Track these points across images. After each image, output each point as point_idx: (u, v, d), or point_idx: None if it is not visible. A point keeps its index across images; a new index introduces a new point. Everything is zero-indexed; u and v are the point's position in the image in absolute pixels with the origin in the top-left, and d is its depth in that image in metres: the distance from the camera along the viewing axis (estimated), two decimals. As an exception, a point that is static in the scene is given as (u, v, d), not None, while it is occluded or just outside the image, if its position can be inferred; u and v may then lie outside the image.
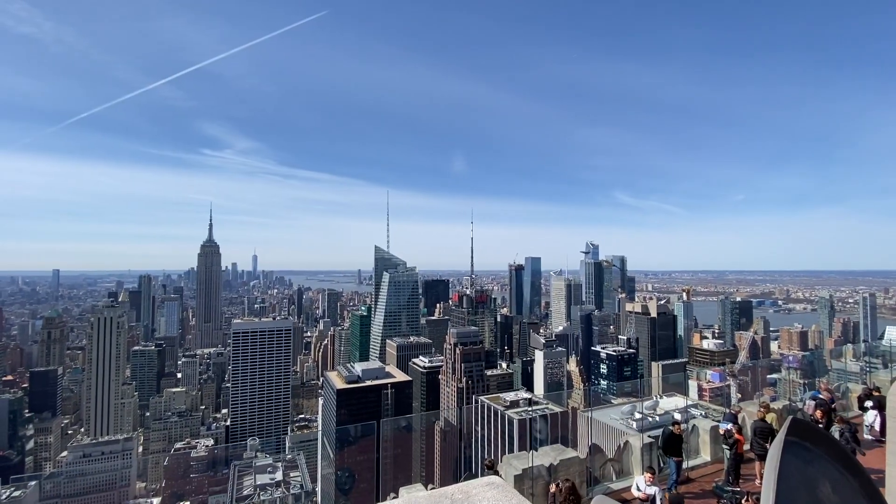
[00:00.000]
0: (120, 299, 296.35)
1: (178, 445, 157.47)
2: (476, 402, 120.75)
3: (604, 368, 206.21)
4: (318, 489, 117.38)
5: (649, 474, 13.47)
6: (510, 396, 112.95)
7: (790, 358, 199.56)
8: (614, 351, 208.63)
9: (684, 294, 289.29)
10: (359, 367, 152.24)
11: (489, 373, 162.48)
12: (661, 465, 16.90)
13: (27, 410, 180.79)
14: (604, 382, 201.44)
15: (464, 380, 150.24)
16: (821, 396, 18.45)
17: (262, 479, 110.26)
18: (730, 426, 15.89)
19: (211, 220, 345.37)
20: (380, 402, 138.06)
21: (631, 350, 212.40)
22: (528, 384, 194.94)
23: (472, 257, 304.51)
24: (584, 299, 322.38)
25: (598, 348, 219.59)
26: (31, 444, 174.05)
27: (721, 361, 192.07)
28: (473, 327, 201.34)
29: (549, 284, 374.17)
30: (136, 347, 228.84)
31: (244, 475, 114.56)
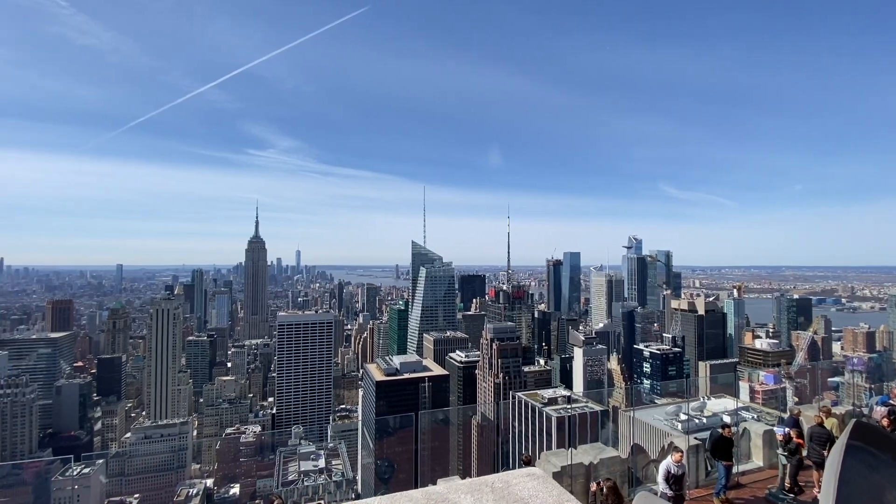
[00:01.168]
0: (175, 292, 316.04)
1: (228, 431, 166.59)
2: (513, 397, 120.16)
3: (647, 367, 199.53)
4: (359, 478, 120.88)
5: (678, 454, 12.89)
6: (548, 393, 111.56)
7: (855, 360, 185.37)
8: (658, 349, 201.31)
9: (735, 291, 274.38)
10: (397, 360, 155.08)
11: (526, 369, 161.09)
12: (709, 468, 16.22)
13: (95, 394, 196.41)
14: (647, 382, 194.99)
15: (500, 375, 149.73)
16: (892, 402, 17.00)
17: (306, 465, 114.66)
18: (788, 430, 14.96)
19: (257, 218, 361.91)
20: (417, 395, 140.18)
21: (676, 349, 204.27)
22: (567, 382, 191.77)
23: (508, 252, 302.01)
24: (626, 296, 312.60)
25: (640, 346, 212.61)
26: (98, 426, 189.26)
27: (776, 362, 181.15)
28: (510, 323, 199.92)
29: (588, 280, 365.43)
30: (190, 337, 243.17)
31: (289, 461, 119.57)
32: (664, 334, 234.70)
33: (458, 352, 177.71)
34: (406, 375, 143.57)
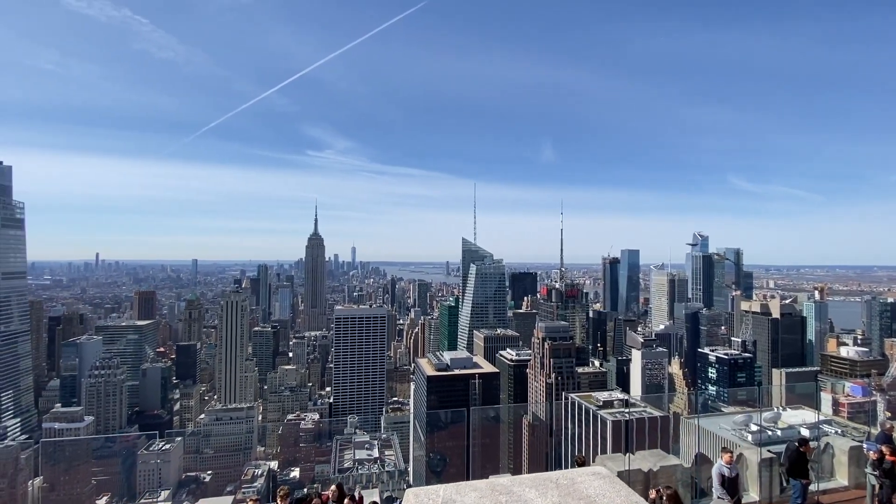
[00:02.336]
0: (243, 286, 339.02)
1: (289, 417, 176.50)
2: (566, 398, 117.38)
3: (712, 373, 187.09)
4: (411, 469, 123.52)
5: (727, 455, 12.27)
6: (603, 396, 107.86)
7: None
8: (726, 354, 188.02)
9: (816, 292, 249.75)
10: (447, 356, 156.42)
11: (580, 370, 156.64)
12: (784, 484, 15.00)
13: (174, 377, 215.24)
14: (712, 388, 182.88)
15: (553, 375, 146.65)
16: None
17: (361, 454, 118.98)
18: (881, 447, 13.47)
19: (316, 216, 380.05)
20: (468, 391, 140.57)
21: (747, 354, 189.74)
22: (623, 385, 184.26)
23: (561, 250, 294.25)
24: (689, 296, 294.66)
25: (706, 350, 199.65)
26: (177, 406, 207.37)
27: (865, 373, 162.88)
28: (563, 322, 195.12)
29: (648, 279, 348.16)
30: (255, 328, 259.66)
31: (345, 449, 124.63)
32: (733, 338, 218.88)
33: (508, 350, 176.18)
34: (456, 371, 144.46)
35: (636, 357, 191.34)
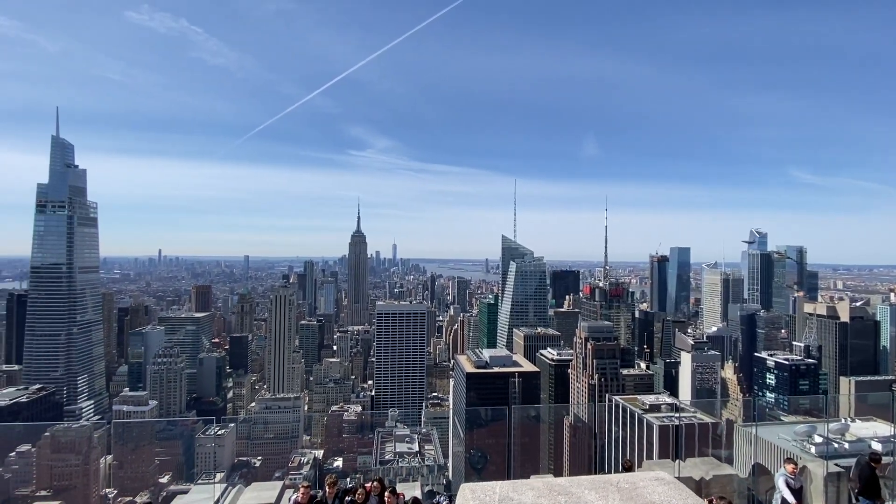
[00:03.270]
0: (290, 281, 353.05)
1: (333, 408, 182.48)
2: (609, 401, 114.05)
3: (771, 379, 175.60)
4: (450, 464, 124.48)
5: (792, 465, 11.44)
6: (650, 399, 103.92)
7: None
8: (786, 359, 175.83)
9: (892, 294, 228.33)
10: (487, 354, 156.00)
11: (625, 372, 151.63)
12: (853, 502, 13.86)
13: (228, 367, 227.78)
14: (770, 395, 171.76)
15: (596, 377, 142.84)
16: None
17: (401, 447, 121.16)
18: None
19: (359, 214, 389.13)
20: (507, 390, 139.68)
21: (810, 360, 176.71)
22: (672, 389, 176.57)
23: (605, 247, 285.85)
24: (745, 297, 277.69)
25: (763, 355, 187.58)
26: (230, 394, 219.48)
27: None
28: (607, 322, 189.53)
29: (700, 279, 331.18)
30: (302, 322, 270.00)
31: (386, 442, 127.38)
32: (794, 342, 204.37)
33: (549, 349, 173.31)
34: (496, 369, 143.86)
35: (686, 360, 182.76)
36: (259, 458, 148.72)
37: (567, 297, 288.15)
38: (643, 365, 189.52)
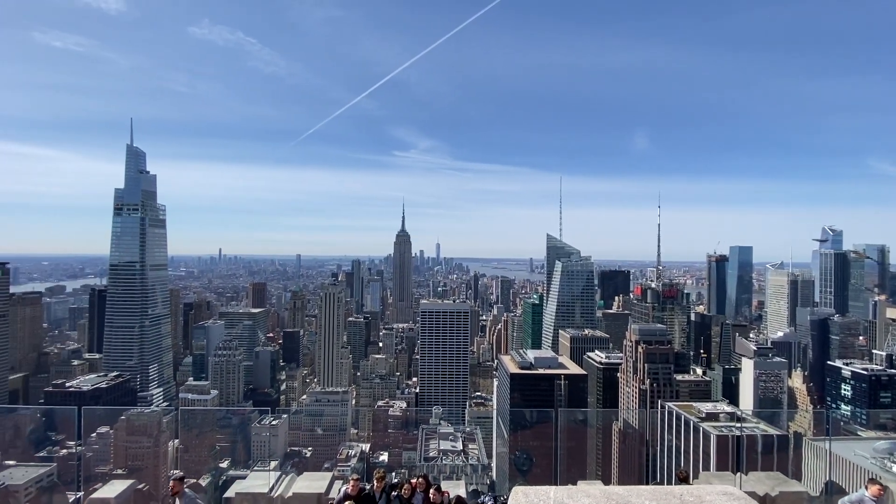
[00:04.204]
0: (339, 279, 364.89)
1: (379, 403, 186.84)
2: (662, 407, 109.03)
3: (846, 390, 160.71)
4: (494, 465, 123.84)
5: (876, 487, 10.27)
6: (707, 407, 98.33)
7: None
8: (865, 369, 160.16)
9: None
10: (531, 354, 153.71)
11: (679, 377, 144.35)
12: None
13: (281, 361, 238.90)
14: (846, 408, 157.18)
15: (647, 381, 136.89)
16: None
17: (445, 445, 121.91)
18: None
19: (403, 213, 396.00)
20: (552, 392, 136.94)
21: (893, 370, 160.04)
22: (731, 397, 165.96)
23: (658, 246, 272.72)
24: (816, 300, 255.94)
25: (837, 363, 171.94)
26: (283, 387, 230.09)
27: None
28: (660, 325, 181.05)
29: (763, 280, 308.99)
30: (350, 318, 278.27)
31: (430, 439, 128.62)
32: (875, 351, 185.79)
33: (597, 352, 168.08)
34: (541, 370, 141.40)
35: (747, 367, 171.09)
36: (309, 448, 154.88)
37: (616, 298, 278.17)
38: (699, 371, 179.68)
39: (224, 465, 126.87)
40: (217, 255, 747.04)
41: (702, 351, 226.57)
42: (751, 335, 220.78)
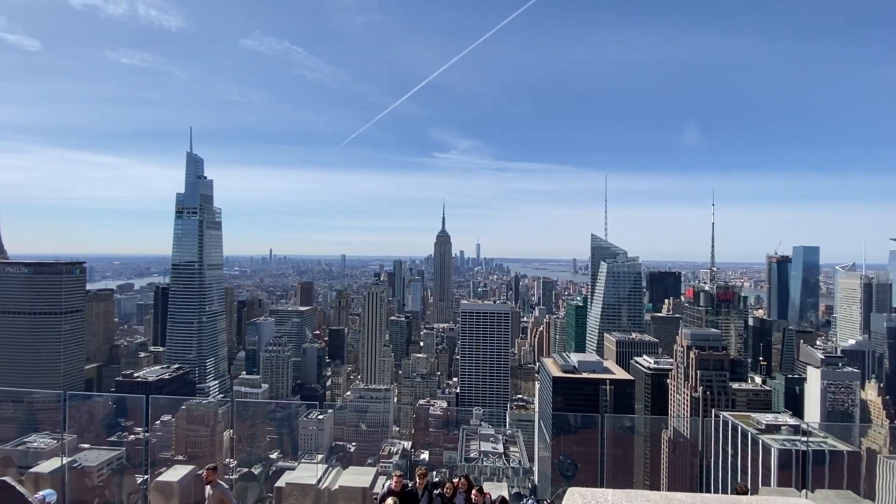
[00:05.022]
0: (381, 279, 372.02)
1: (420, 402, 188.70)
2: (716, 416, 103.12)
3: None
4: (535, 469, 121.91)
5: None
6: (767, 418, 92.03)
7: None
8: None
9: None
10: (575, 358, 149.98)
11: (735, 386, 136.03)
12: None
13: (327, 357, 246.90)
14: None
15: (700, 389, 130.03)
16: None
17: (486, 446, 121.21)
18: None
19: (443, 214, 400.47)
20: (597, 397, 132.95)
21: None
22: (795, 408, 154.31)
23: (712, 246, 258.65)
24: (894, 305, 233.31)
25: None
26: (329, 382, 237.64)
27: None
28: (714, 329, 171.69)
29: (832, 282, 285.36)
30: (392, 317, 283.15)
31: (471, 440, 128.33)
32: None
33: (645, 356, 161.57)
34: (585, 375, 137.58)
35: (813, 376, 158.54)
36: (353, 443, 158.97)
37: (666, 300, 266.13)
38: (758, 379, 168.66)
39: (273, 456, 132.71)
40: (268, 255, 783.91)
41: (761, 358, 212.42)
42: (817, 342, 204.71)
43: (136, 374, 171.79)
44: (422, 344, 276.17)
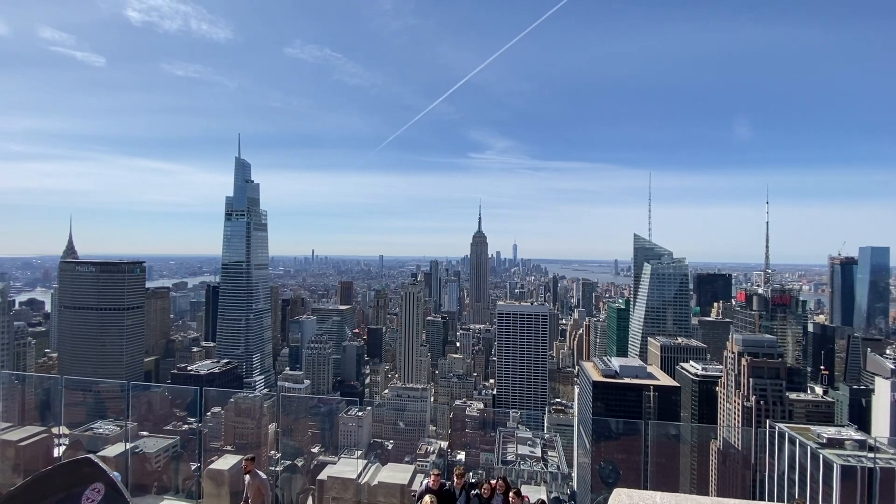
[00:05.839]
0: (418, 279, 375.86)
1: (457, 402, 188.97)
2: (770, 427, 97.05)
3: None
4: (574, 474, 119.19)
5: None
6: (829, 432, 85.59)
7: None
8: None
9: None
10: (616, 362, 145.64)
11: (792, 396, 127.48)
12: None
13: (366, 355, 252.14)
14: None
15: (752, 398, 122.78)
16: None
17: (523, 449, 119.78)
18: None
19: (480, 214, 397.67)
20: (640, 403, 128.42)
21: None
22: (860, 422, 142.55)
23: (766, 247, 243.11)
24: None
25: None
26: (367, 380, 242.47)
27: None
28: (768, 335, 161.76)
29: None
30: (428, 318, 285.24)
31: (507, 442, 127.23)
32: None
33: (692, 362, 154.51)
34: (626, 380, 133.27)
35: (882, 387, 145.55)
36: (391, 441, 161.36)
37: (715, 304, 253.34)
38: (818, 390, 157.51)
39: (315, 450, 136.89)
40: (310, 255, 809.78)
41: (822, 367, 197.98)
42: (888, 351, 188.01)
43: (189, 368, 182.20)
44: (458, 344, 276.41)
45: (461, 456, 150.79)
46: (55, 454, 16.42)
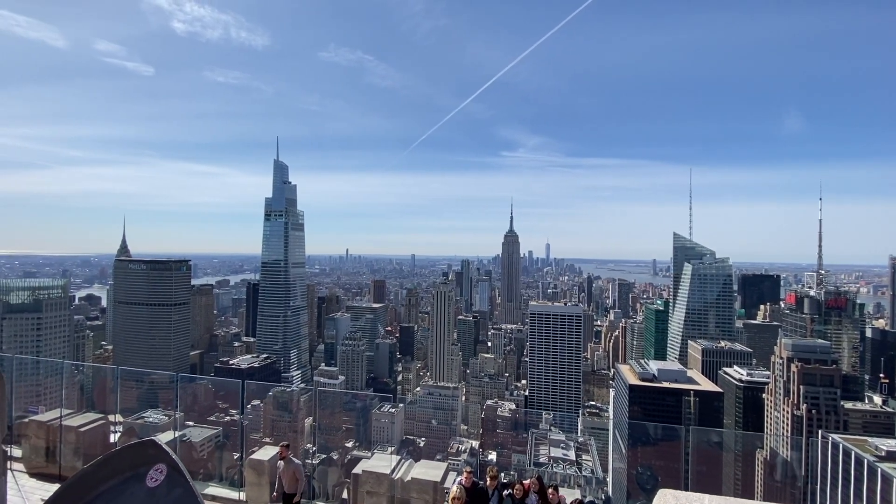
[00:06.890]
0: (450, 278, 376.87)
1: (488, 402, 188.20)
2: (823, 438, 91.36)
3: None
4: (609, 479, 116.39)
5: None
6: (888, 444, 79.72)
7: None
8: None
9: None
10: (654, 366, 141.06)
11: (848, 405, 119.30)
12: None
13: (398, 353, 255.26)
14: None
15: (803, 407, 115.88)
16: None
17: (556, 452, 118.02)
18: None
19: (511, 213, 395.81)
20: (680, 409, 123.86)
21: None
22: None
23: (819, 246, 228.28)
24: None
25: None
26: (399, 378, 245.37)
27: None
28: (822, 340, 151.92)
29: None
30: (460, 317, 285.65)
31: (540, 444, 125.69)
32: None
33: (736, 367, 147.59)
34: (665, 384, 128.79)
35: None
36: (423, 438, 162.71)
37: (762, 306, 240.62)
38: (877, 399, 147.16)
39: (349, 444, 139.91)
40: (344, 254, 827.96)
41: (881, 375, 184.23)
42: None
43: (230, 362, 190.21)
44: (489, 344, 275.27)
45: (492, 456, 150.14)
46: (111, 440, 17.55)
